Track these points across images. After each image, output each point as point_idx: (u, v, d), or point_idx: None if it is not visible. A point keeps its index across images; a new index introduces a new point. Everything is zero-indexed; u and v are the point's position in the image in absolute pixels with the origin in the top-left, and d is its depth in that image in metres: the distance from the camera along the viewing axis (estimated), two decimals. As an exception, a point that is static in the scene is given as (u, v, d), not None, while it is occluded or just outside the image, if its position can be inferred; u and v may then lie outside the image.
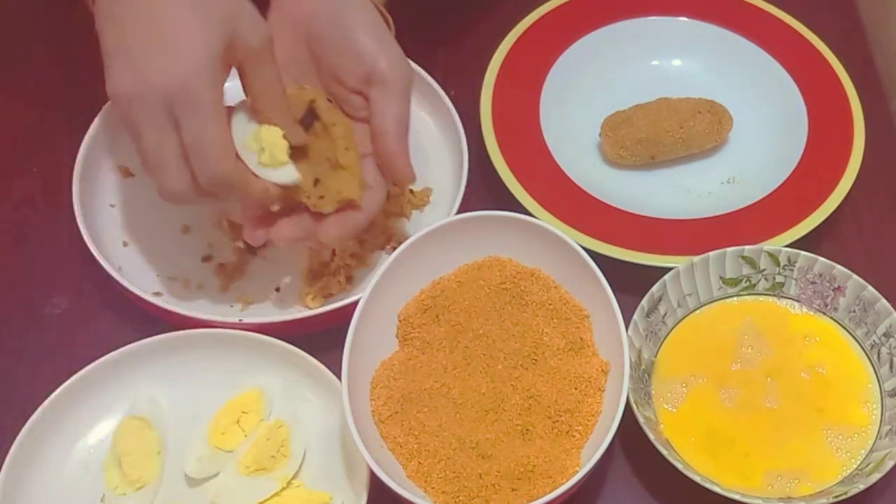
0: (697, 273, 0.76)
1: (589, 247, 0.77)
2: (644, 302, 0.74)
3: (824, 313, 0.77)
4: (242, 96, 0.71)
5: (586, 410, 0.71)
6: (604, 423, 0.69)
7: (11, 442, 0.70)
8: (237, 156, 0.68)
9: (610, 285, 0.71)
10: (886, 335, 0.74)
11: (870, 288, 0.75)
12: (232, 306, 0.79)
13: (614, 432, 0.66)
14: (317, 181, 0.72)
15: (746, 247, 0.76)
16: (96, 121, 0.83)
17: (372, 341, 0.72)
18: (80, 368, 0.73)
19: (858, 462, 0.71)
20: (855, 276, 0.75)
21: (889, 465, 0.68)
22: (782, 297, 0.78)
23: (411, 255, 0.74)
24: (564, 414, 0.70)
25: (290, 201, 0.72)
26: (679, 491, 0.70)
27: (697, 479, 0.67)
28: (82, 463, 0.73)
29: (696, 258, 0.76)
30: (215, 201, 0.71)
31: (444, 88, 0.86)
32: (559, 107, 0.88)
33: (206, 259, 0.82)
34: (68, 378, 0.72)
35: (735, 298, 0.78)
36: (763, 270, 0.77)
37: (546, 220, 0.77)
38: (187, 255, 0.82)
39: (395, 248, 0.75)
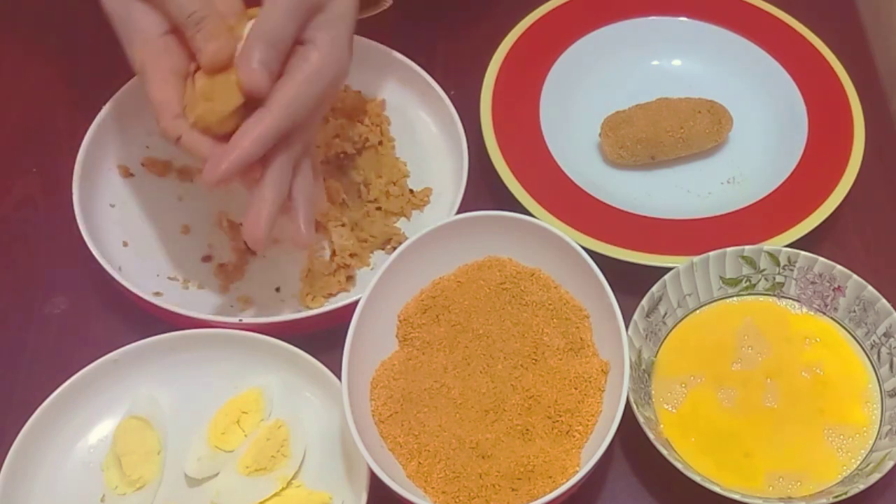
0: (697, 273, 0.76)
1: (589, 247, 0.77)
2: (644, 302, 0.74)
3: (824, 313, 0.77)
4: None
5: (586, 410, 0.71)
6: (604, 423, 0.69)
7: (11, 442, 0.70)
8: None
9: (610, 285, 0.71)
10: (886, 335, 0.74)
11: (870, 288, 0.75)
12: (232, 306, 0.79)
13: (614, 432, 0.66)
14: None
15: (746, 247, 0.76)
16: (96, 121, 0.83)
17: (372, 341, 0.72)
18: (80, 368, 0.73)
19: (858, 462, 0.71)
20: (855, 276, 0.75)
21: (889, 465, 0.68)
22: (782, 297, 0.78)
23: (411, 255, 0.74)
24: (564, 414, 0.70)
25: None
26: (679, 491, 0.70)
27: (697, 479, 0.67)
28: (82, 463, 0.73)
29: (696, 258, 0.76)
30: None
31: (444, 88, 0.86)
32: (559, 107, 0.88)
33: (206, 259, 0.82)
34: (68, 378, 0.72)
35: (735, 298, 0.78)
36: (763, 270, 0.77)
37: (546, 220, 0.77)
38: (187, 255, 0.82)
39: (395, 248, 0.75)
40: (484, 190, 0.85)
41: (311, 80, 0.67)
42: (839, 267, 0.75)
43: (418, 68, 0.87)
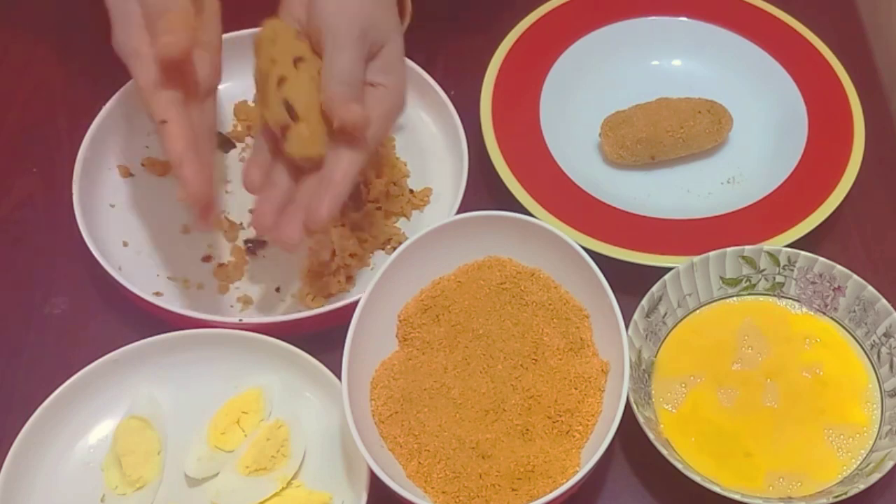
0: (697, 273, 0.76)
1: (589, 247, 0.77)
2: (644, 302, 0.74)
3: (824, 313, 0.77)
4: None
5: (586, 410, 0.71)
6: (604, 423, 0.69)
7: (11, 442, 0.70)
8: None
9: (610, 285, 0.71)
10: (886, 335, 0.74)
11: (870, 288, 0.75)
12: (232, 306, 0.79)
13: (614, 432, 0.66)
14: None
15: (746, 247, 0.77)
16: (96, 121, 0.83)
17: (372, 341, 0.72)
18: (80, 368, 0.73)
19: (858, 462, 0.71)
20: (855, 276, 0.75)
21: (889, 465, 0.68)
22: (782, 297, 0.78)
23: (411, 255, 0.74)
24: (564, 414, 0.70)
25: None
26: (679, 491, 0.70)
27: (697, 479, 0.67)
28: (82, 463, 0.73)
29: (696, 258, 0.76)
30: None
31: (444, 88, 0.86)
32: (559, 107, 0.88)
33: (206, 259, 0.82)
34: (68, 378, 0.72)
35: (735, 298, 0.78)
36: (763, 270, 0.77)
37: (546, 220, 0.77)
38: (187, 255, 0.82)
39: (395, 248, 0.75)
40: (484, 190, 0.85)
41: (389, 117, 0.74)
42: (839, 267, 0.75)
43: (418, 68, 0.87)
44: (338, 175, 0.71)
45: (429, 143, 0.87)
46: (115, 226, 0.82)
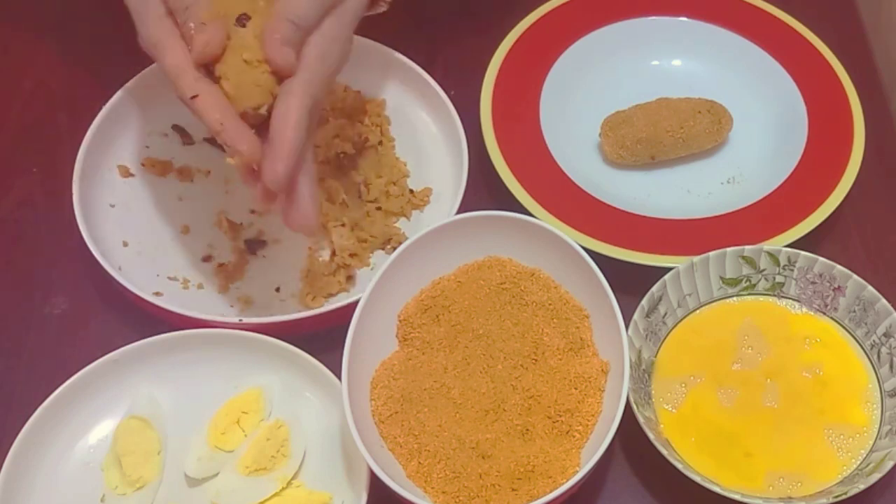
0: (697, 273, 0.76)
1: (589, 247, 0.77)
2: (644, 302, 0.74)
3: (824, 313, 0.77)
4: None
5: (586, 410, 0.71)
6: (604, 423, 0.69)
7: (11, 442, 0.70)
8: None
9: (610, 285, 0.71)
10: (886, 335, 0.74)
11: (870, 288, 0.75)
12: (232, 306, 0.79)
13: (614, 432, 0.66)
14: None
15: (746, 247, 0.77)
16: (96, 121, 0.83)
17: (372, 341, 0.72)
18: (80, 368, 0.73)
19: (858, 462, 0.71)
20: (855, 276, 0.75)
21: (889, 465, 0.68)
22: (782, 297, 0.78)
23: (411, 255, 0.74)
24: (564, 414, 0.70)
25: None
26: (679, 491, 0.70)
27: (697, 479, 0.67)
28: (82, 463, 0.73)
29: (696, 258, 0.76)
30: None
31: (444, 88, 0.86)
32: (559, 107, 0.88)
33: (206, 259, 0.82)
34: (68, 378, 0.72)
35: (735, 298, 0.78)
36: (763, 270, 0.77)
37: (546, 220, 0.77)
38: (187, 255, 0.82)
39: (395, 248, 0.75)
40: (484, 190, 0.85)
41: (324, 60, 0.68)
42: (839, 267, 0.75)
43: (418, 68, 0.87)
44: (288, 131, 0.66)
45: (429, 143, 0.87)
46: (115, 226, 0.82)
